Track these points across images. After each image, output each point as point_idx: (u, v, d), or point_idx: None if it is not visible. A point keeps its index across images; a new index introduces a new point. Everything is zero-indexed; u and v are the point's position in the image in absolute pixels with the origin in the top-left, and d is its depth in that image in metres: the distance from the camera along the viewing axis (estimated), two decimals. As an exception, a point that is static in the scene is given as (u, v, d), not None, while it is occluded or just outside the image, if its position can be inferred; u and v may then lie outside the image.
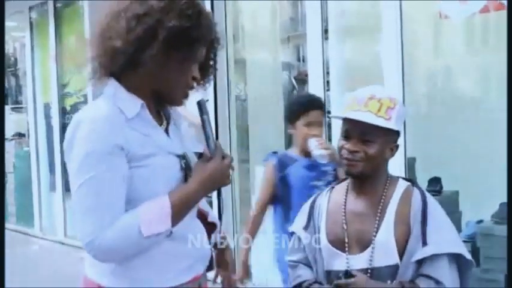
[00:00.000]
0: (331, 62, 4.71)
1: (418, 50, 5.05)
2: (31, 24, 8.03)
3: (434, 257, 1.91)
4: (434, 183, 4.17)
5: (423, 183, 4.19)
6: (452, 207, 4.18)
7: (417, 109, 4.79)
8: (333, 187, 2.14)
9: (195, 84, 1.82)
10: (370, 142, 1.95)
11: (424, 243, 1.90)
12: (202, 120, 1.81)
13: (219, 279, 2.13)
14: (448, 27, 4.83)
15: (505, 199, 3.87)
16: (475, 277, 3.77)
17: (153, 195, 1.70)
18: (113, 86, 1.76)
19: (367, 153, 1.95)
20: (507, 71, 2.51)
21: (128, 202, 1.69)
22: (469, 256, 1.95)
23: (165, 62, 1.72)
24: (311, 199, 1.96)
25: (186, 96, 1.82)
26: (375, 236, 1.94)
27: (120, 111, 1.72)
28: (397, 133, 2.00)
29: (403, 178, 2.09)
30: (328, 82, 4.70)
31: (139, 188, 1.71)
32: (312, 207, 2.12)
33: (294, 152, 3.11)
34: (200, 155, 1.81)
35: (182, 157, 1.80)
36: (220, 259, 2.09)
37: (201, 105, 1.81)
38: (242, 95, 5.83)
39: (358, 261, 1.95)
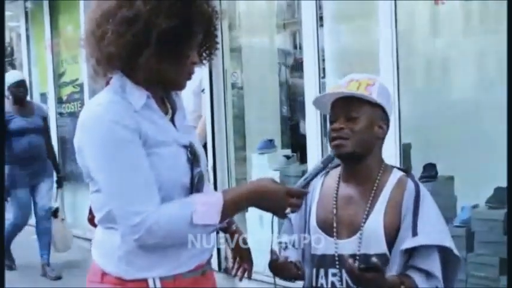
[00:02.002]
0: (326, 49, 4.71)
1: (415, 36, 5.05)
2: (26, 13, 8.00)
3: (425, 249, 1.91)
4: (430, 169, 4.18)
5: (418, 169, 4.21)
6: (447, 193, 4.19)
7: (413, 95, 4.80)
8: (328, 172, 2.14)
9: (195, 68, 1.83)
10: (355, 118, 1.96)
11: (415, 233, 1.90)
12: (319, 166, 1.93)
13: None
14: (445, 11, 4.82)
15: (499, 184, 3.88)
16: (470, 261, 3.80)
17: (160, 184, 1.72)
18: (119, 79, 1.78)
19: (353, 129, 1.95)
20: (507, 71, 2.51)
21: None
22: (457, 252, 1.94)
23: (161, 60, 1.73)
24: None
25: (188, 79, 1.84)
26: (364, 223, 1.95)
27: (128, 102, 1.75)
28: (383, 110, 2.01)
29: (398, 168, 2.10)
30: (323, 69, 4.70)
31: None
32: None
33: None
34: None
35: (188, 147, 1.82)
36: (236, 245, 2.11)
37: (328, 159, 1.96)
38: (238, 83, 5.83)
39: (346, 247, 1.96)
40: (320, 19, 4.55)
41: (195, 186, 1.81)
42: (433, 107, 4.73)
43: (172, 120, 1.86)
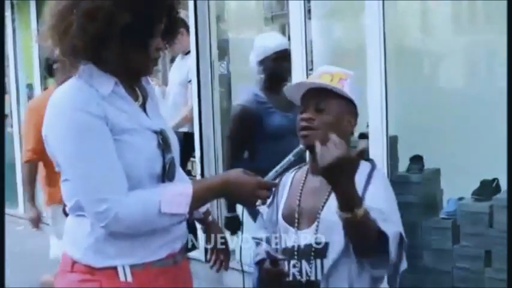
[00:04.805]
0: (314, 42, 4.71)
1: (403, 30, 5.06)
2: (12, 4, 7.94)
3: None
4: (416, 161, 4.20)
5: (405, 161, 4.23)
6: (433, 185, 4.22)
7: (399, 88, 4.81)
8: (300, 167, 2.13)
9: (160, 53, 1.83)
10: (324, 110, 1.96)
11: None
12: (290, 158, 1.89)
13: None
14: (434, 6, 4.84)
15: (485, 177, 3.92)
16: (455, 253, 3.83)
17: (128, 171, 1.71)
18: (86, 67, 1.78)
19: (321, 121, 1.94)
20: (507, 70, 2.51)
21: None
22: (401, 229, 1.83)
23: (126, 50, 1.74)
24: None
25: (154, 65, 1.85)
26: (321, 211, 1.94)
27: (95, 90, 1.74)
28: (354, 106, 2.00)
29: (366, 159, 2.05)
30: (311, 62, 4.69)
31: None
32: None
33: None
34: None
35: (159, 133, 1.81)
36: (210, 234, 2.11)
37: (299, 152, 1.92)
38: (226, 74, 5.82)
39: (305, 237, 1.94)
40: (308, 12, 4.55)
41: (166, 172, 1.80)
42: (420, 101, 4.75)
43: (143, 107, 1.86)
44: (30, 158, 4.04)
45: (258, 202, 1.82)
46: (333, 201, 1.89)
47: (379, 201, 1.84)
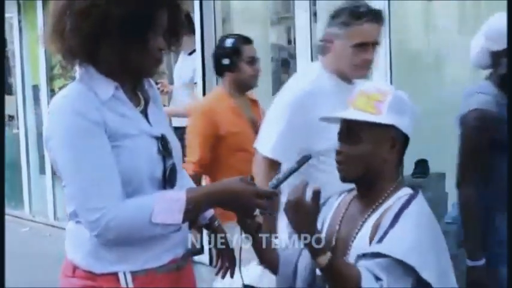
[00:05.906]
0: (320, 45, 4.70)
1: (407, 32, 5.04)
2: (19, 4, 7.95)
3: (381, 258, 1.67)
4: (421, 165, 4.19)
5: (410, 165, 4.21)
6: (438, 189, 4.20)
7: (405, 91, 4.80)
8: (351, 190, 1.92)
9: (163, 53, 1.81)
10: (354, 141, 1.76)
11: (380, 240, 1.70)
12: (294, 167, 1.83)
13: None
14: (438, 7, 4.82)
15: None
16: (460, 258, 3.80)
17: (128, 178, 1.70)
18: (87, 71, 1.76)
19: (349, 153, 1.76)
20: (507, 70, 2.46)
21: None
22: (426, 275, 1.68)
23: (124, 49, 1.72)
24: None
25: (156, 66, 1.82)
26: (352, 241, 1.78)
27: (95, 94, 1.72)
28: (395, 127, 1.77)
29: (412, 187, 1.88)
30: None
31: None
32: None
33: None
34: None
35: (160, 139, 1.79)
36: (215, 239, 2.08)
37: (303, 159, 1.85)
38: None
39: None
40: (314, 14, 4.55)
41: (167, 178, 1.77)
42: (424, 104, 4.73)
43: (145, 112, 1.83)
44: (195, 170, 3.31)
45: (257, 212, 1.76)
46: (364, 230, 1.76)
47: (400, 246, 1.67)
